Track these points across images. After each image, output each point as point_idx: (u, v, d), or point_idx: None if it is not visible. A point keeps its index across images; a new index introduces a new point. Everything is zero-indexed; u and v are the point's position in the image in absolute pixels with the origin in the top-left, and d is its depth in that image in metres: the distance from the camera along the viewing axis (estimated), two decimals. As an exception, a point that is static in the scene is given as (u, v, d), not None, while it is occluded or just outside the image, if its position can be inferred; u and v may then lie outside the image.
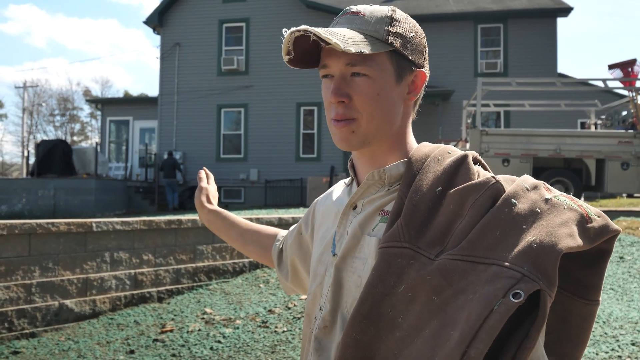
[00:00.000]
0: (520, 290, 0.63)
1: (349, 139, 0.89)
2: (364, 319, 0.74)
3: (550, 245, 0.67)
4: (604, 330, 3.72)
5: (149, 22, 17.44)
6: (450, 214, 0.76)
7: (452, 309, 0.67)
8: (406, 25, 0.91)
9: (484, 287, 0.65)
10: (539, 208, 0.72)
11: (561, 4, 16.50)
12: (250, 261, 5.84)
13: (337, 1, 19.20)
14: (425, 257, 0.74)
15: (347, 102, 0.87)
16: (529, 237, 0.68)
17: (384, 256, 0.77)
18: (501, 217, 0.71)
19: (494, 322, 0.62)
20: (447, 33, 16.51)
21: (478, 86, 10.05)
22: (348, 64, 0.86)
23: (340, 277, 0.89)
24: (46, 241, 4.32)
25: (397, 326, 0.71)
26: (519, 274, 0.65)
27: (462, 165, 0.83)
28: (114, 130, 19.91)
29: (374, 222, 0.88)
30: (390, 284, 0.74)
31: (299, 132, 16.43)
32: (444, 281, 0.69)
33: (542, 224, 0.70)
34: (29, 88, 39.31)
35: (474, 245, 0.70)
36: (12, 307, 4.09)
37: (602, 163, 9.41)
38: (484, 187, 0.76)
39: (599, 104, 12.24)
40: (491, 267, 0.67)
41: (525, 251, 0.67)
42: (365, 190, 0.91)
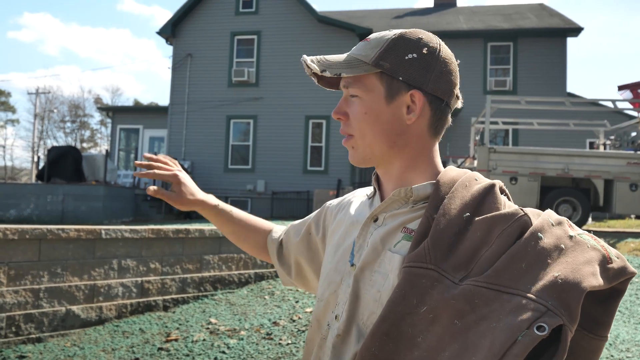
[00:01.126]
0: (544, 324, 0.65)
1: (352, 155, 0.97)
2: (383, 336, 0.76)
3: (575, 282, 0.69)
4: (610, 352, 3.69)
5: (162, 33, 17.66)
6: (477, 240, 0.78)
7: (473, 334, 0.69)
8: (407, 47, 0.92)
9: (508, 316, 0.67)
10: (564, 244, 0.75)
11: (571, 24, 16.56)
12: (255, 272, 5.86)
13: (348, 16, 19.38)
14: (450, 281, 0.75)
15: (345, 119, 0.96)
16: (554, 272, 0.70)
17: (409, 276, 0.78)
18: (528, 249, 0.73)
19: (518, 351, 0.64)
20: (457, 50, 16.45)
21: (487, 103, 10.07)
22: (344, 86, 0.96)
23: (357, 288, 0.91)
24: (56, 247, 4.36)
25: (416, 345, 0.73)
26: (543, 307, 0.67)
27: (489, 193, 0.86)
28: (124, 138, 20.07)
29: (396, 238, 0.89)
30: (413, 303, 0.75)
31: (307, 145, 16.49)
32: (468, 306, 0.71)
33: (566, 260, 0.72)
34: (41, 94, 39.77)
35: (500, 275, 0.72)
36: (20, 312, 4.13)
37: (611, 184, 9.37)
38: (512, 218, 0.78)
39: (608, 124, 12.22)
40: (515, 298, 0.69)
41: (550, 286, 0.69)
42: (389, 205, 0.93)
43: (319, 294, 1.02)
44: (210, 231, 5.51)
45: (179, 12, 17.41)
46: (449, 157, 12.84)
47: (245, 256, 5.79)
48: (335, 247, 1.04)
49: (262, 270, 5.93)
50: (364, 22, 18.22)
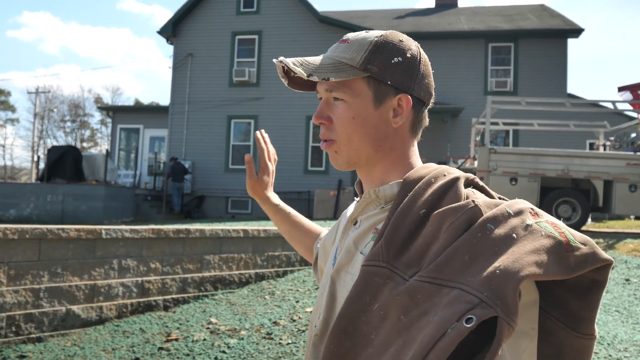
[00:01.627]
0: (473, 316, 0.63)
1: (334, 159, 0.96)
2: (341, 333, 0.77)
3: (513, 272, 0.65)
4: (608, 352, 3.70)
5: (163, 32, 17.67)
6: (429, 236, 0.77)
7: (415, 329, 0.68)
8: (391, 51, 0.93)
9: (443, 310, 0.66)
10: (516, 234, 0.71)
11: (572, 25, 16.57)
12: (256, 272, 5.87)
13: (349, 17, 19.39)
14: (401, 277, 0.75)
15: (328, 124, 0.94)
16: (496, 262, 0.67)
17: (364, 274, 0.79)
18: (473, 241, 0.71)
19: (444, 344, 0.62)
20: (458, 51, 16.60)
21: (488, 104, 10.08)
22: (327, 90, 0.93)
23: (334, 289, 0.94)
24: (56, 247, 4.37)
25: (370, 342, 0.74)
26: (477, 299, 0.64)
27: (451, 188, 0.84)
28: (124, 138, 20.09)
29: (367, 240, 0.91)
30: (366, 301, 0.76)
31: (308, 145, 16.50)
32: (411, 302, 0.71)
33: (513, 250, 0.69)
34: (41, 94, 39.79)
35: (441, 268, 0.71)
36: (20, 311, 4.14)
37: (610, 184, 9.38)
38: (461, 210, 0.76)
39: (608, 125, 12.24)
40: (453, 291, 0.67)
41: (488, 277, 0.66)
42: (365, 207, 0.95)
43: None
44: (211, 231, 5.52)
45: (180, 11, 17.42)
46: (450, 157, 12.84)
47: (245, 256, 5.80)
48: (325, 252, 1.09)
49: (262, 270, 5.94)
50: (365, 22, 18.23)
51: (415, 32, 16.79)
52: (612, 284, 5.60)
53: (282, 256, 6.13)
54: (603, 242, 7.80)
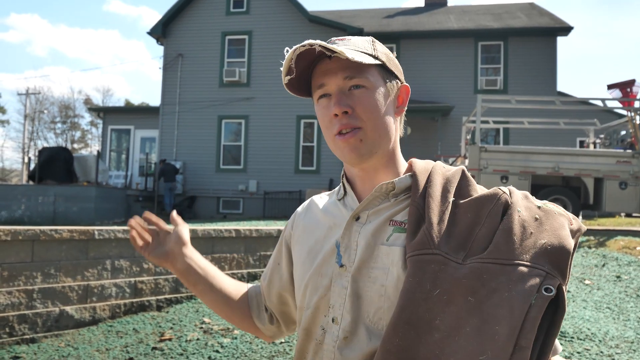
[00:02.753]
0: (550, 285, 0.75)
1: (358, 148, 0.92)
2: (405, 324, 0.79)
3: (561, 246, 0.80)
4: (600, 349, 3.75)
5: (153, 33, 17.60)
6: (469, 221, 0.86)
7: (488, 306, 0.75)
8: (385, 49, 1.00)
9: (517, 285, 0.76)
10: (537, 215, 0.85)
11: (561, 23, 16.70)
12: (249, 272, 5.87)
13: (338, 15, 19.42)
14: (454, 262, 0.81)
15: (350, 112, 0.92)
16: (540, 240, 0.81)
17: (418, 263, 0.83)
18: (515, 223, 0.83)
19: (535, 313, 0.73)
20: (448, 49, 16.68)
21: (478, 103, 10.14)
22: (346, 78, 0.92)
23: (357, 288, 0.91)
24: (49, 248, 4.35)
25: (435, 328, 0.77)
26: (543, 272, 0.77)
27: (464, 177, 0.95)
28: (115, 139, 19.98)
29: (387, 232, 0.92)
30: (427, 288, 0.80)
31: (299, 145, 16.51)
32: (478, 282, 0.78)
33: (545, 228, 0.83)
34: (31, 95, 39.46)
35: (500, 249, 0.80)
36: (13, 312, 4.12)
37: (601, 182, 9.48)
38: (495, 197, 0.87)
39: (598, 123, 12.35)
40: (518, 268, 0.77)
41: (542, 253, 0.79)
42: (370, 202, 0.95)
43: (302, 304, 1.00)
44: (203, 231, 5.52)
45: (170, 12, 17.36)
46: (440, 156, 12.90)
47: (237, 256, 5.81)
48: (311, 252, 1.02)
49: (254, 270, 5.95)
50: (355, 21, 18.27)
51: (405, 31, 16.85)
52: (603, 281, 5.67)
53: (276, 255, 6.15)
54: (594, 239, 7.89)
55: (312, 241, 1.04)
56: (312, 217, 1.09)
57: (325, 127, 0.96)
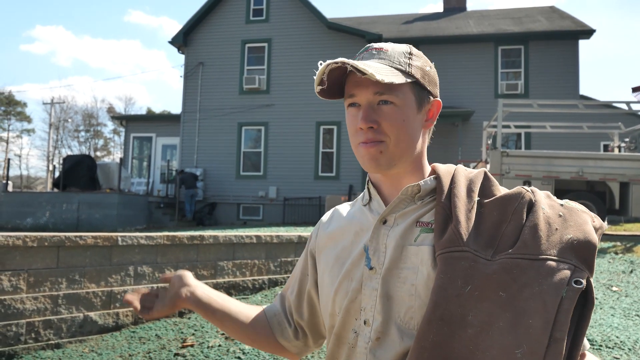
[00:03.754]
0: (579, 278, 0.77)
1: (377, 159, 0.96)
2: (439, 321, 0.81)
3: (586, 240, 0.82)
4: (629, 357, 3.65)
5: (174, 42, 17.85)
6: (496, 219, 0.88)
7: (520, 301, 0.77)
8: (423, 60, 1.01)
9: (547, 279, 0.78)
10: (561, 212, 0.88)
11: (583, 26, 16.46)
12: (269, 278, 5.88)
13: (357, 22, 19.45)
14: (483, 259, 0.83)
15: (376, 127, 0.95)
16: (566, 235, 0.83)
17: (448, 260, 0.84)
18: (540, 220, 0.85)
19: (567, 306, 0.75)
20: (468, 54, 16.57)
21: (499, 107, 10.04)
22: (376, 93, 0.95)
23: (388, 289, 0.92)
24: (73, 254, 4.41)
25: (469, 323, 0.79)
26: (572, 266, 0.79)
27: (487, 178, 0.99)
28: (137, 147, 20.26)
29: (414, 233, 0.94)
30: (458, 285, 0.81)
31: (318, 151, 16.53)
32: (509, 277, 0.79)
33: (570, 224, 0.85)
34: (56, 104, 40.30)
35: (527, 245, 0.82)
36: (39, 318, 4.18)
37: (627, 186, 9.29)
38: (520, 196, 0.90)
39: (622, 126, 12.12)
40: (546, 262, 0.79)
41: (569, 247, 0.81)
42: (397, 205, 0.98)
43: (334, 310, 1.00)
44: (225, 237, 5.54)
45: (191, 21, 17.59)
46: (461, 161, 12.79)
47: (258, 262, 5.82)
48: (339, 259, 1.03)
49: (275, 276, 5.95)
50: (374, 28, 18.27)
51: (424, 37, 16.79)
52: (631, 288, 5.53)
53: (295, 262, 6.14)
54: (621, 245, 7.71)
55: (338, 248, 1.05)
56: (336, 225, 1.11)
57: (352, 134, 1.00)
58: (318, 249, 1.12)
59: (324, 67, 0.93)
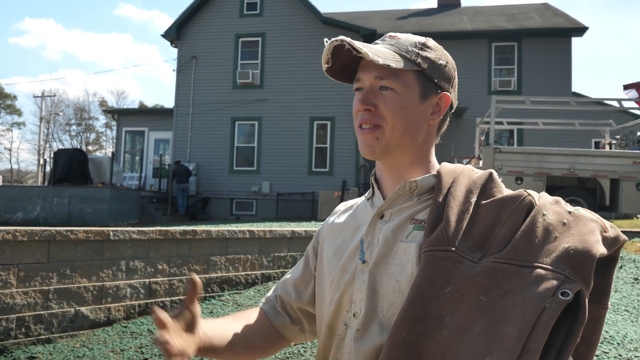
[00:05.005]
0: (567, 290, 0.72)
1: (372, 146, 0.96)
2: (412, 319, 0.78)
3: (586, 251, 0.76)
4: (618, 352, 3.69)
5: (167, 36, 17.73)
6: (489, 221, 0.84)
7: (500, 307, 0.73)
8: (437, 54, 1.00)
9: (532, 287, 0.73)
10: (566, 219, 0.82)
11: (576, 24, 16.52)
12: (262, 273, 5.88)
13: (352, 17, 19.40)
14: (469, 261, 0.80)
15: (373, 110, 0.95)
16: (564, 244, 0.77)
17: (431, 259, 0.82)
18: (537, 226, 0.80)
19: (548, 317, 0.70)
20: (461, 51, 16.58)
21: (492, 104, 10.07)
22: (377, 77, 0.95)
23: (374, 283, 0.92)
24: (64, 248, 4.39)
25: (445, 325, 0.76)
26: (562, 276, 0.73)
27: (490, 179, 0.94)
28: (129, 141, 20.15)
29: (407, 230, 0.93)
30: (438, 285, 0.79)
31: (312, 146, 16.51)
32: (492, 282, 0.76)
33: (572, 232, 0.79)
34: (47, 97, 39.96)
35: (517, 250, 0.78)
36: (29, 313, 4.16)
37: (617, 183, 9.35)
38: (519, 199, 0.85)
39: (613, 123, 12.19)
40: (535, 270, 0.75)
41: (564, 256, 0.76)
42: (394, 200, 0.97)
43: (327, 301, 1.01)
44: (217, 232, 5.53)
45: (184, 14, 17.47)
46: (454, 157, 12.83)
47: (251, 257, 5.81)
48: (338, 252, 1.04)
49: (268, 271, 5.95)
50: (368, 23, 18.23)
51: (418, 33, 16.61)
52: (620, 283, 5.58)
53: (288, 257, 6.14)
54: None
55: (339, 241, 1.06)
56: (340, 219, 1.12)
57: (354, 116, 1.00)
58: (321, 243, 1.13)
59: (329, 44, 0.95)
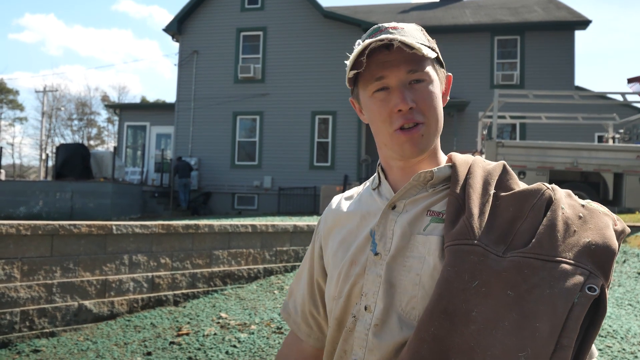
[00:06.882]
0: (594, 285, 0.73)
1: (419, 143, 0.92)
2: (441, 314, 0.78)
3: (605, 246, 0.78)
4: (622, 346, 3.68)
5: (168, 30, 17.68)
6: (511, 215, 0.84)
7: (528, 302, 0.74)
8: (431, 39, 0.98)
9: (559, 282, 0.74)
10: (582, 213, 0.83)
11: (579, 17, 16.43)
12: (265, 267, 5.88)
13: (354, 11, 19.33)
14: (494, 255, 0.79)
15: (415, 107, 0.91)
16: (585, 238, 0.78)
17: (457, 253, 0.81)
18: (558, 220, 0.81)
19: (578, 312, 0.71)
20: (464, 44, 16.52)
21: (495, 98, 10.03)
22: (410, 71, 0.90)
23: (391, 276, 0.90)
24: (68, 242, 4.39)
25: (472, 320, 0.76)
26: (587, 271, 0.75)
27: (505, 171, 0.93)
28: (131, 135, 20.15)
29: (424, 222, 0.91)
30: (465, 279, 0.78)
31: (314, 141, 16.49)
32: (519, 277, 0.76)
33: (589, 227, 0.80)
34: (49, 92, 39.96)
35: (542, 245, 0.78)
36: (33, 306, 4.17)
37: (620, 177, 9.32)
38: (539, 193, 0.86)
39: (617, 117, 12.14)
40: (560, 265, 0.75)
41: (586, 251, 0.77)
42: (408, 191, 0.94)
43: (335, 293, 0.98)
44: (220, 227, 5.53)
45: (185, 9, 17.42)
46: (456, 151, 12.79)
47: (254, 251, 5.82)
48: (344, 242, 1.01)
49: (271, 265, 5.95)
50: (370, 17, 18.16)
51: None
52: (624, 278, 5.58)
53: (290, 251, 6.14)
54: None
55: (344, 231, 1.03)
56: (342, 209, 1.08)
57: (383, 121, 0.92)
58: (325, 235, 1.10)
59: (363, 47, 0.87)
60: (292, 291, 1.20)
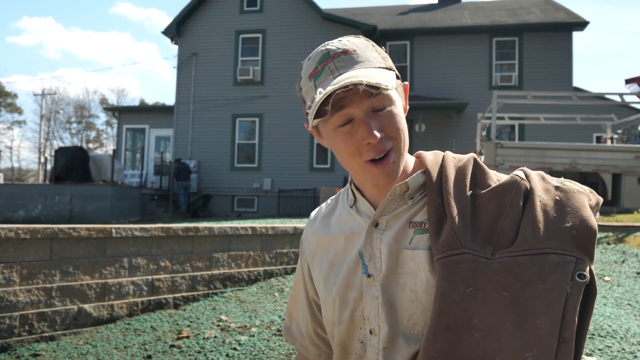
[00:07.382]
0: (582, 272, 0.74)
1: (392, 172, 0.89)
2: (444, 329, 0.77)
3: (586, 228, 0.78)
4: (621, 346, 3.68)
5: (167, 33, 17.70)
6: (492, 213, 0.83)
7: (524, 299, 0.74)
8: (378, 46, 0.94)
9: (549, 275, 0.74)
10: (558, 196, 0.83)
11: (577, 18, 16.47)
12: (265, 270, 5.88)
13: (352, 13, 19.36)
14: (483, 258, 0.79)
15: (382, 136, 0.86)
16: (565, 223, 0.79)
17: (448, 265, 0.80)
18: (537, 210, 0.81)
19: (573, 302, 0.72)
20: (462, 46, 16.55)
21: (493, 99, 10.04)
22: (371, 96, 0.84)
23: (388, 296, 0.89)
24: (67, 246, 4.39)
25: (474, 327, 0.75)
26: (573, 257, 0.75)
27: (477, 166, 0.93)
28: (130, 138, 20.14)
29: (408, 235, 0.89)
30: (460, 289, 0.78)
31: (313, 143, 16.50)
32: (511, 276, 0.76)
33: (566, 210, 0.80)
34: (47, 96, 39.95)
35: (527, 240, 0.78)
36: (32, 310, 4.16)
37: (619, 178, 9.33)
38: (515, 186, 0.85)
39: (615, 118, 12.16)
40: (547, 257, 0.76)
41: (568, 237, 0.77)
42: (387, 207, 0.92)
43: (334, 319, 0.97)
44: (220, 229, 5.53)
45: (184, 11, 17.44)
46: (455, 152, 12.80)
47: (254, 254, 5.81)
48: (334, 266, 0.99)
49: (271, 267, 5.95)
50: (369, 19, 18.19)
51: (418, 28, 16.74)
52: (623, 278, 5.58)
53: (290, 253, 6.14)
54: (613, 235, 7.77)
55: (331, 254, 1.01)
56: (324, 231, 1.05)
57: (350, 154, 0.87)
58: (309, 258, 1.08)
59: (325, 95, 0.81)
60: (291, 314, 1.18)
